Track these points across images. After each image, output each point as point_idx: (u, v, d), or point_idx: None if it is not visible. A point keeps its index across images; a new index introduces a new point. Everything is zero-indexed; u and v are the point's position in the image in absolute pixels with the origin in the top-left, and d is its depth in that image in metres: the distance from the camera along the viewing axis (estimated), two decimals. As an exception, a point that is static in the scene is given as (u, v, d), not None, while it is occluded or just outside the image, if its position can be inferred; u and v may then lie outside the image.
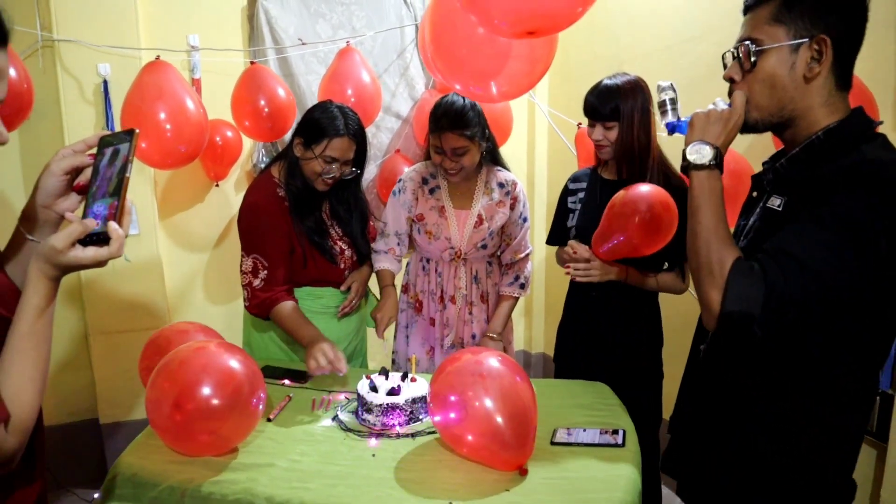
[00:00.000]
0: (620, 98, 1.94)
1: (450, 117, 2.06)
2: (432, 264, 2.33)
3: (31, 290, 0.99)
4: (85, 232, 0.97)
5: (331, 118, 2.02)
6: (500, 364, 1.53)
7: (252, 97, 2.31)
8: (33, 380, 0.99)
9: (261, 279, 2.05)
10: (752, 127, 1.29)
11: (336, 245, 2.17)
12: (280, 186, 2.09)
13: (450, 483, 1.44)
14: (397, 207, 2.30)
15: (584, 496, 1.39)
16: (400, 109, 3.19)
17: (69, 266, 0.98)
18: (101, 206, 1.00)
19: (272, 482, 1.44)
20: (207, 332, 1.90)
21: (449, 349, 2.34)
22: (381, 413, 1.70)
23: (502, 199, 2.27)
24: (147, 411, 1.51)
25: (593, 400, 1.88)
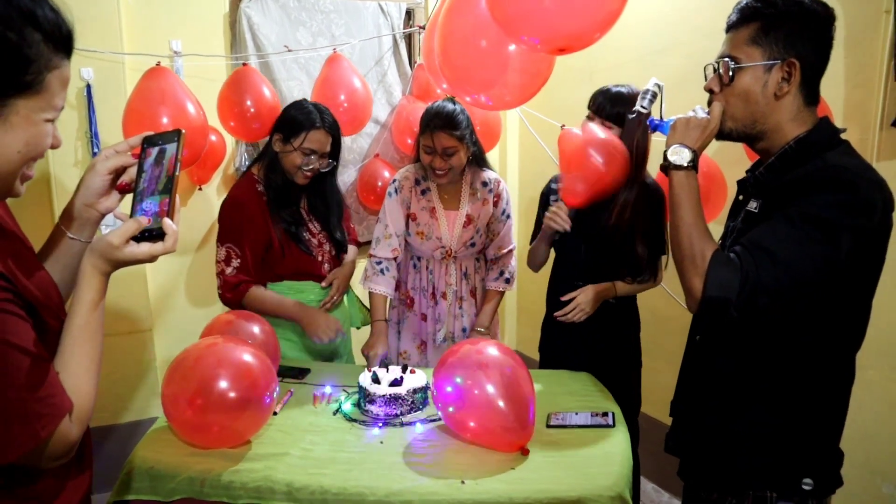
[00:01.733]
0: (628, 106, 2.04)
1: (442, 118, 2.17)
2: (423, 262, 2.42)
3: (84, 285, 1.04)
4: (140, 229, 1.04)
5: (307, 113, 2.15)
6: (499, 353, 1.64)
7: (239, 98, 2.35)
8: (90, 371, 1.05)
9: (233, 267, 2.14)
10: (727, 135, 1.43)
11: (314, 238, 2.27)
12: (259, 183, 2.19)
13: (458, 464, 1.53)
14: (397, 207, 2.35)
15: (585, 471, 1.50)
16: (378, 115, 3.26)
17: (125, 261, 1.04)
18: (150, 203, 1.06)
19: (289, 469, 1.50)
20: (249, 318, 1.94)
21: (441, 343, 2.42)
22: (385, 403, 1.77)
23: (486, 198, 2.38)
24: (164, 406, 1.55)
25: (580, 387, 1.99)
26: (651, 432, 2.23)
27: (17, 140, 0.91)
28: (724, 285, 1.25)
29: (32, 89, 0.89)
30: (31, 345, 0.94)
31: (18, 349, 0.92)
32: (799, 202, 1.24)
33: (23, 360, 0.92)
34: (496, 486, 1.44)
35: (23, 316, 0.95)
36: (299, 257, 2.23)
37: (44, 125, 0.93)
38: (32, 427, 0.93)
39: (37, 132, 0.93)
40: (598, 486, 1.43)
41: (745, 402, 1.40)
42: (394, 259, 2.37)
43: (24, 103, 0.90)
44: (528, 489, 1.42)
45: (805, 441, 1.37)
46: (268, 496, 1.45)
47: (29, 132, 0.91)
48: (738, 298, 1.23)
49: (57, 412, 0.97)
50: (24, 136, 0.91)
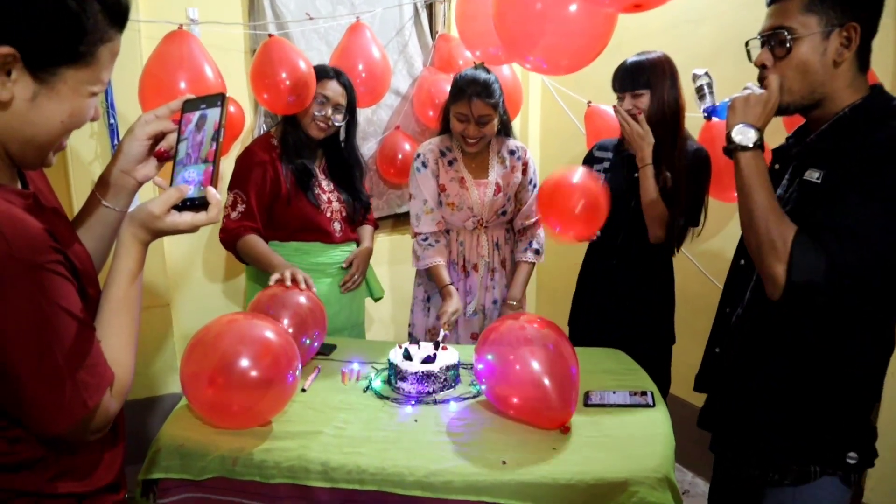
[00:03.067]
0: (650, 71, 2.00)
1: (479, 85, 2.14)
2: (453, 234, 2.37)
3: (124, 255, 1.00)
4: (181, 197, 0.99)
5: (321, 67, 2.25)
6: (542, 328, 1.58)
7: (272, 70, 2.26)
8: (128, 344, 1.01)
9: (238, 212, 2.17)
10: (784, 109, 1.37)
11: (323, 194, 2.27)
12: (274, 138, 2.24)
13: (498, 443, 1.49)
14: (429, 179, 2.31)
15: (627, 452, 1.45)
16: (399, 86, 3.18)
17: (165, 231, 1.00)
18: (192, 171, 1.01)
19: (324, 448, 1.46)
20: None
21: (471, 317, 2.38)
22: (417, 381, 1.73)
23: (514, 165, 2.35)
24: (182, 385, 1.50)
25: (615, 365, 1.94)
26: (676, 412, 2.18)
27: (62, 110, 0.89)
28: (811, 270, 1.21)
29: (84, 60, 0.87)
30: (79, 310, 0.90)
31: (69, 313, 0.88)
32: (873, 175, 1.19)
33: (72, 324, 0.89)
34: (538, 466, 1.39)
35: (71, 280, 0.91)
36: (306, 209, 2.22)
37: (89, 98, 0.91)
38: (81, 396, 0.90)
39: (81, 104, 0.90)
40: (643, 468, 1.39)
41: (788, 376, 1.37)
42: (440, 231, 2.33)
43: (74, 74, 0.87)
44: (571, 470, 1.37)
45: (847, 414, 1.34)
46: (302, 476, 1.41)
47: (74, 103, 0.89)
48: (825, 282, 1.20)
49: (102, 382, 0.94)
50: (69, 106, 0.89)
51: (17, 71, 0.83)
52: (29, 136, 0.89)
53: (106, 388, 0.94)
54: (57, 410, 0.89)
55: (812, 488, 1.37)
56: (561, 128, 3.41)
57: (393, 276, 3.40)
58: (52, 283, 0.87)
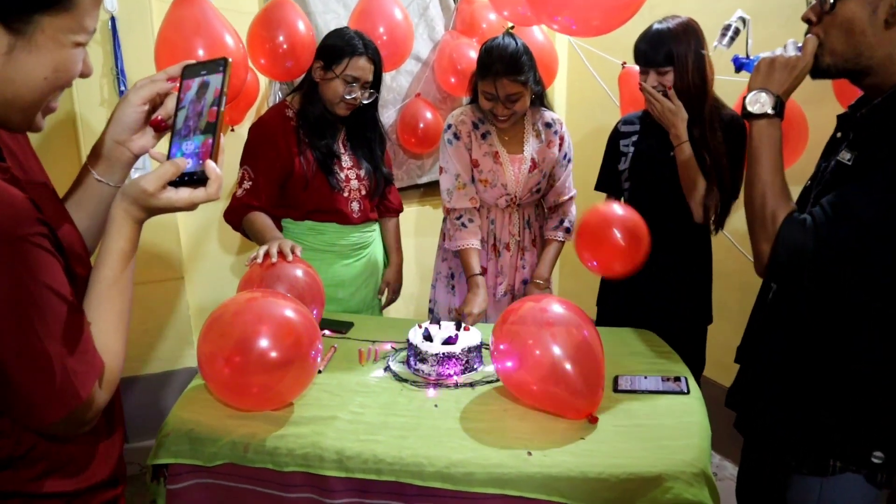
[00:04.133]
0: (673, 42, 1.86)
1: (504, 62, 1.96)
2: (483, 211, 2.24)
3: (115, 234, 0.92)
4: (178, 173, 0.91)
5: (348, 39, 2.03)
6: (565, 310, 1.49)
7: (270, 33, 2.15)
8: (119, 330, 0.93)
9: (244, 189, 2.05)
10: (824, 72, 1.25)
11: (342, 172, 2.13)
12: (290, 109, 2.09)
13: (521, 432, 1.41)
14: (462, 152, 2.15)
15: (660, 443, 1.37)
16: (420, 52, 3.05)
17: (161, 209, 0.92)
18: (190, 143, 0.92)
19: (339, 435, 1.38)
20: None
21: (501, 297, 2.28)
22: (437, 363, 1.65)
23: (551, 139, 2.21)
24: (199, 365, 1.43)
25: (646, 347, 1.85)
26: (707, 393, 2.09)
27: (44, 64, 0.80)
28: (797, 252, 1.15)
29: (62, 5, 0.78)
30: (67, 291, 0.83)
31: (55, 293, 0.81)
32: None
33: (59, 305, 0.81)
34: (566, 458, 1.31)
35: (58, 258, 0.83)
36: (323, 191, 2.09)
37: (73, 49, 0.82)
38: (73, 385, 0.83)
39: (66, 56, 0.81)
40: (677, 461, 1.30)
41: (804, 364, 1.29)
42: (474, 208, 2.18)
43: (51, 21, 0.78)
44: (601, 463, 1.29)
45: (871, 411, 1.25)
46: (316, 464, 1.34)
47: (57, 56, 0.80)
48: (812, 267, 1.13)
49: (93, 371, 0.86)
50: (51, 60, 0.80)
51: None
52: (11, 96, 0.80)
53: (97, 377, 0.87)
54: (47, 401, 0.82)
55: (836, 482, 1.30)
56: (589, 94, 3.26)
57: (417, 249, 3.30)
58: (37, 258, 0.79)
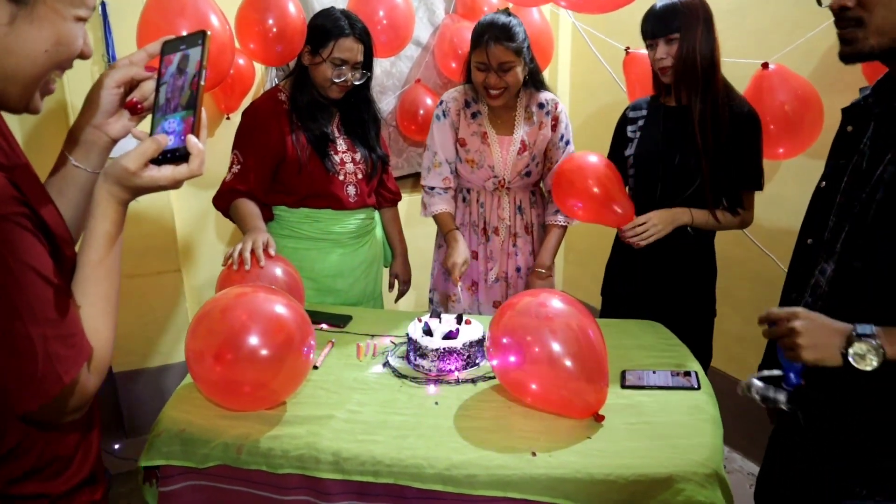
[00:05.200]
0: (682, 12, 1.80)
1: (497, 28, 1.93)
2: (473, 194, 2.21)
3: (99, 216, 0.89)
4: (159, 150, 0.89)
5: (334, 20, 1.97)
6: (564, 304, 1.42)
7: (259, 16, 2.07)
8: (106, 313, 0.90)
9: (232, 173, 2.00)
10: (867, 55, 1.12)
11: (337, 155, 2.07)
12: (282, 93, 2.03)
13: (525, 430, 1.35)
14: (445, 131, 2.14)
15: (671, 441, 1.31)
16: (420, 36, 2.98)
17: (144, 188, 0.90)
18: (172, 120, 0.90)
19: (336, 435, 1.33)
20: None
21: (493, 284, 2.24)
22: (437, 358, 1.59)
23: (543, 121, 2.14)
24: (188, 364, 1.38)
25: (654, 340, 1.79)
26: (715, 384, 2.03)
27: (45, 37, 0.80)
28: None
29: None
30: (51, 272, 0.81)
31: (39, 274, 0.79)
32: None
33: (42, 287, 0.79)
34: (572, 458, 1.25)
35: (41, 239, 0.80)
36: (317, 174, 2.03)
37: (74, 23, 0.82)
38: (55, 369, 0.80)
39: (67, 30, 0.81)
40: (689, 462, 1.24)
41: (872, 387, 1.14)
42: (445, 189, 2.17)
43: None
44: (609, 463, 1.23)
45: None
46: (311, 466, 1.29)
47: (58, 28, 0.80)
48: None
49: (80, 355, 0.83)
50: (52, 32, 0.80)
51: None
52: (11, 70, 0.79)
53: (83, 361, 0.84)
54: (28, 384, 0.79)
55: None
56: (593, 78, 3.18)
57: (419, 237, 3.24)
58: (19, 237, 0.76)
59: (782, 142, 2.07)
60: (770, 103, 2.03)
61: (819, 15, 1.20)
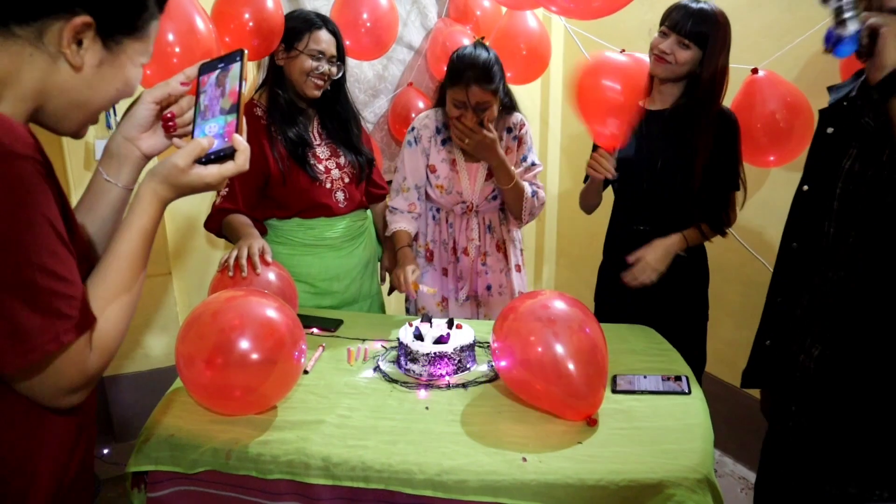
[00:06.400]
0: (713, 26, 1.81)
1: (477, 69, 1.92)
2: (443, 214, 2.21)
3: (139, 211, 0.93)
4: (207, 149, 0.95)
5: (304, 16, 2.02)
6: (568, 307, 1.43)
7: (236, 10, 2.05)
8: (123, 304, 0.91)
9: (221, 196, 2.00)
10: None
11: (320, 164, 2.06)
12: (258, 107, 2.03)
13: (516, 435, 1.35)
14: (416, 157, 2.14)
15: (662, 447, 1.31)
16: (412, 40, 2.98)
17: (191, 186, 0.95)
18: (213, 125, 0.97)
19: (326, 440, 1.32)
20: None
21: (464, 301, 2.24)
22: (428, 363, 1.59)
23: (510, 146, 2.15)
24: (178, 368, 1.37)
25: (645, 345, 1.79)
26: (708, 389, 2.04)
27: (119, 78, 0.91)
28: None
29: (141, 32, 0.91)
30: (64, 232, 0.80)
31: (54, 230, 0.78)
32: None
33: (57, 245, 0.79)
34: (563, 464, 1.25)
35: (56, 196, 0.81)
36: (303, 184, 2.02)
37: (139, 68, 0.94)
38: (54, 326, 0.78)
39: (135, 73, 0.93)
40: (680, 467, 1.24)
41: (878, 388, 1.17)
42: (409, 213, 2.15)
43: (132, 45, 0.91)
44: (599, 469, 1.23)
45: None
46: (301, 471, 1.28)
47: (129, 73, 0.92)
48: None
49: (83, 321, 0.82)
50: (124, 75, 0.92)
51: (90, 39, 0.85)
52: (84, 100, 0.89)
53: (85, 329, 0.83)
54: (22, 336, 0.75)
55: None
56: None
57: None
58: (38, 182, 0.77)
59: (772, 149, 2.08)
60: (760, 110, 2.04)
61: (808, 20, 1.19)
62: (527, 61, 2.69)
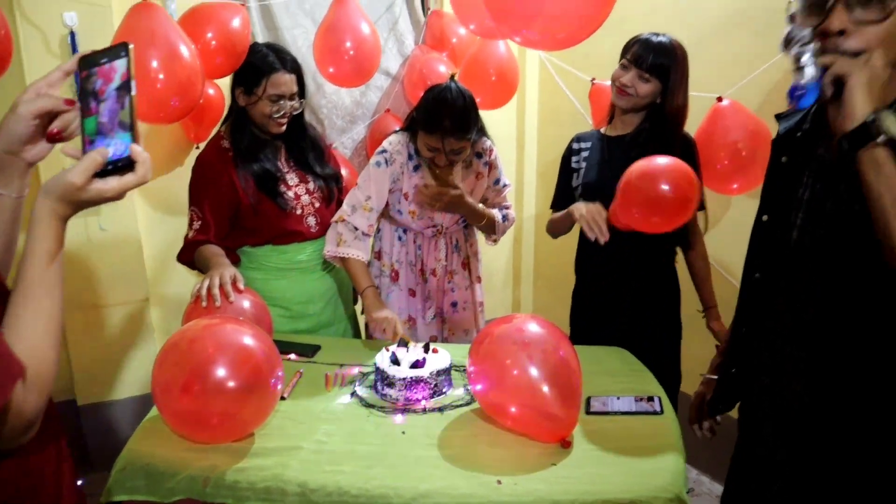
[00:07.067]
0: (673, 59, 1.87)
1: (454, 120, 1.92)
2: (410, 235, 2.19)
3: (40, 234, 0.86)
4: (103, 162, 0.86)
5: (262, 57, 1.99)
6: (542, 330, 1.46)
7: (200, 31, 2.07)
8: (49, 332, 0.87)
9: (194, 230, 2.00)
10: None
11: (290, 191, 2.07)
12: (225, 139, 2.04)
13: (492, 459, 1.37)
14: (384, 179, 2.08)
15: (634, 466, 1.34)
16: (389, 66, 3.03)
17: (90, 202, 0.87)
18: (110, 134, 0.87)
19: (303, 466, 1.33)
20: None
21: (431, 320, 2.25)
22: (405, 387, 1.60)
23: (481, 171, 2.18)
24: (154, 396, 1.38)
25: (619, 366, 1.82)
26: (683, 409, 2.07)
27: None
28: None
29: None
30: None
31: None
32: None
33: None
34: (537, 485, 1.27)
35: None
36: (273, 214, 2.03)
37: None
38: None
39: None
40: (652, 487, 1.27)
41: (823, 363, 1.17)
42: (366, 235, 2.09)
43: None
44: (573, 490, 1.25)
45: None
46: (278, 498, 1.28)
47: None
48: None
49: (7, 377, 0.79)
50: None
51: None
52: None
53: (13, 383, 0.80)
54: None
55: None
56: (561, 109, 3.25)
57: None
58: None
59: (736, 177, 2.14)
60: (724, 138, 2.10)
61: (771, 50, 1.21)
62: (496, 87, 2.74)
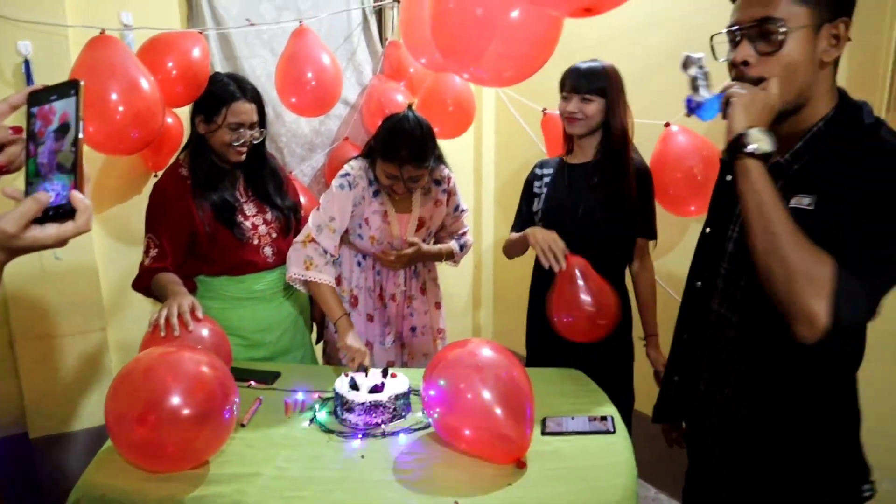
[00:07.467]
0: (606, 80, 1.96)
1: (411, 149, 1.96)
2: (369, 261, 2.22)
3: None
4: (41, 209, 0.82)
5: (223, 86, 2.01)
6: (494, 354, 1.50)
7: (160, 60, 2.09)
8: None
9: (150, 257, 1.99)
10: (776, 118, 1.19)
11: (247, 221, 2.08)
12: (183, 167, 2.04)
13: (449, 481, 1.40)
14: (347, 203, 2.08)
15: (588, 484, 1.38)
16: (348, 95, 3.07)
17: (26, 249, 0.83)
18: (51, 177, 0.84)
19: (262, 492, 1.34)
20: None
21: (390, 345, 2.26)
22: (364, 412, 1.62)
23: (439, 198, 2.23)
24: (108, 427, 1.37)
25: (573, 387, 1.87)
26: (640, 427, 2.12)
27: None
28: (857, 305, 1.05)
29: None
30: None
31: None
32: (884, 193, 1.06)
33: None
34: (493, 505, 1.30)
35: None
36: (230, 245, 2.04)
37: None
38: None
39: None
40: (604, 502, 1.31)
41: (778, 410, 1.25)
42: (333, 257, 2.09)
43: None
44: (528, 508, 1.29)
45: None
46: (238, 525, 1.29)
47: None
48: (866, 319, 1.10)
49: None
50: None
51: None
52: None
53: None
54: None
55: None
56: (517, 138, 3.34)
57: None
58: None
59: (692, 199, 2.23)
60: (678, 162, 2.20)
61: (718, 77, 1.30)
62: (453, 117, 2.80)
